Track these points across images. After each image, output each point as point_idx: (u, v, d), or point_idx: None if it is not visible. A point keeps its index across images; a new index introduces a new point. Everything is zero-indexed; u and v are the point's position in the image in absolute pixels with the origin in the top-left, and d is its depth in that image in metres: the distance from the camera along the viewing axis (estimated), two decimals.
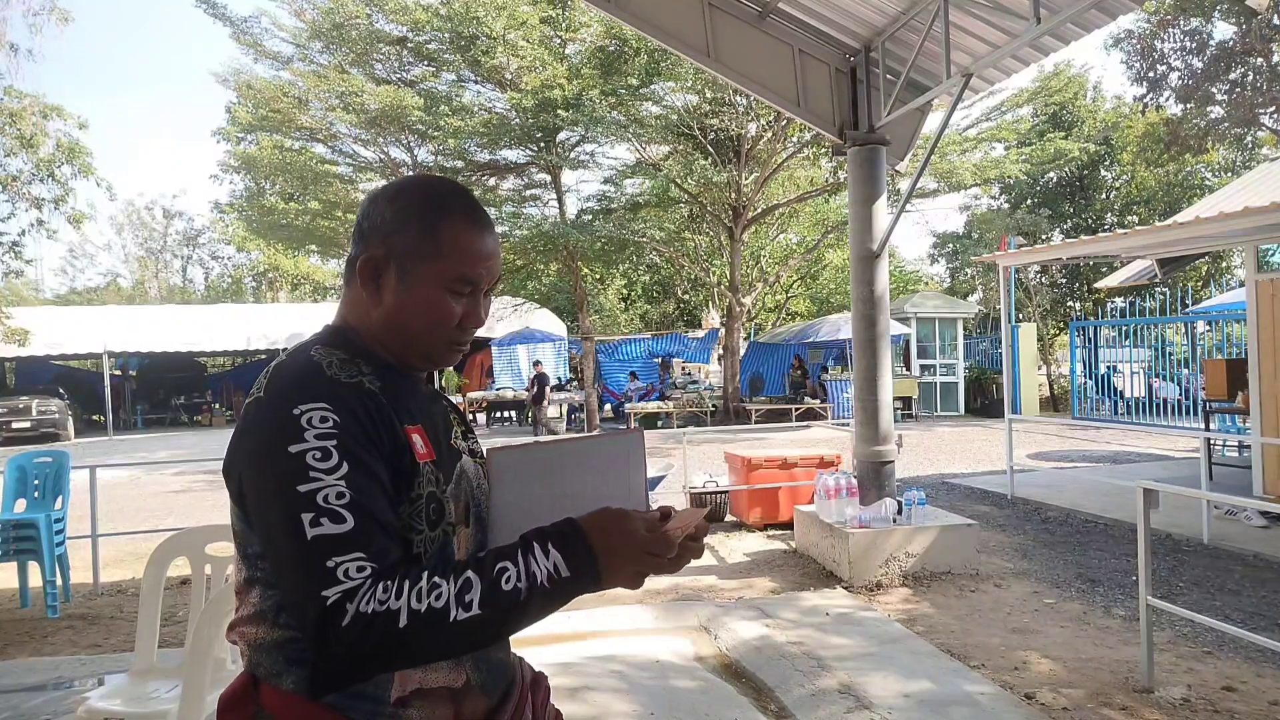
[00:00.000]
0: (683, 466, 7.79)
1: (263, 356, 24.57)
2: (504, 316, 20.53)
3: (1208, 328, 15.67)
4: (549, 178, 18.56)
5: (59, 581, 5.46)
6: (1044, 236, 22.72)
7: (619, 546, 1.04)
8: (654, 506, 1.18)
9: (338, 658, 0.96)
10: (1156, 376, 15.61)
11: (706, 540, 1.30)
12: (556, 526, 1.06)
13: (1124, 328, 16.84)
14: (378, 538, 1.01)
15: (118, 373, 24.25)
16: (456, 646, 1.02)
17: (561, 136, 17.48)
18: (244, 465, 1.08)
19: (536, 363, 19.09)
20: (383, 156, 18.67)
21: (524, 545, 1.03)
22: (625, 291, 31.41)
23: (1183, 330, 16.53)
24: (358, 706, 1.08)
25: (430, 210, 1.19)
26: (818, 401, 18.37)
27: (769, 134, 17.22)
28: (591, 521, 1.06)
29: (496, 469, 1.13)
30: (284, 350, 1.19)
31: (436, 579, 0.99)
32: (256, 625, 1.11)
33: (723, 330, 20.91)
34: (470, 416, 14.50)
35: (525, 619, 1.02)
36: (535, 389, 17.81)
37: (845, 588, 5.44)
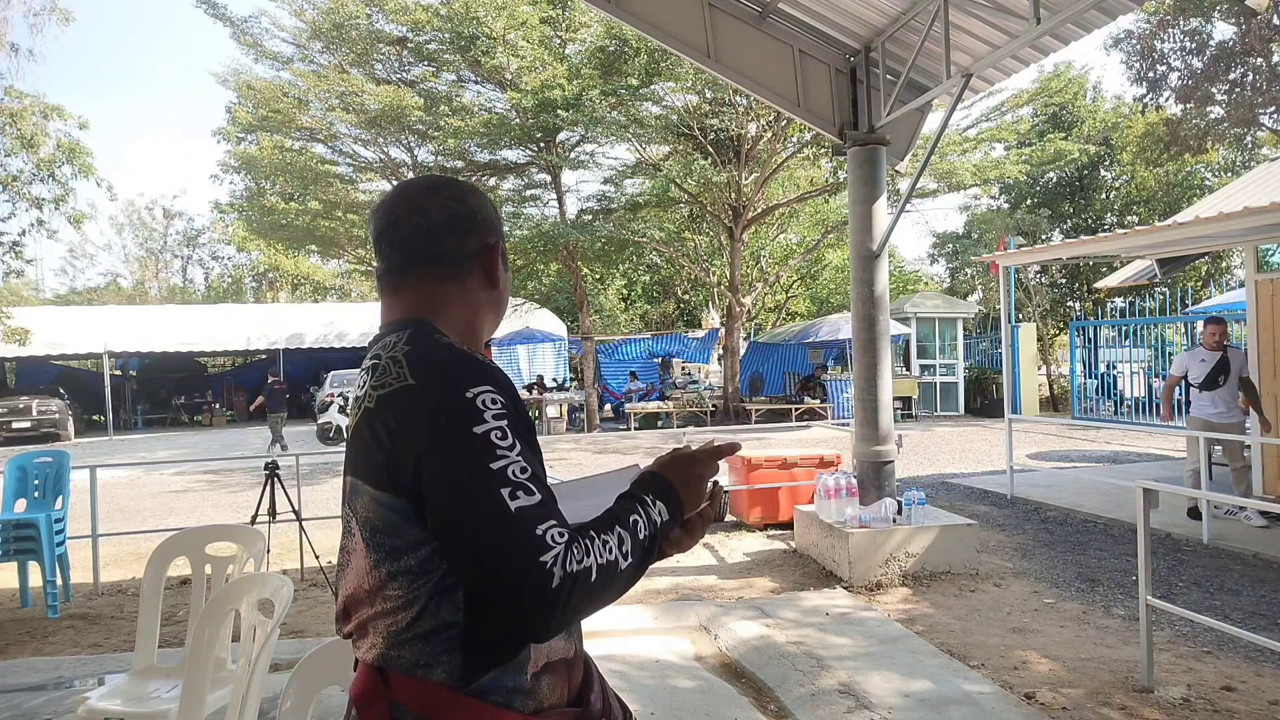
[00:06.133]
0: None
1: (263, 356, 24.58)
2: (504, 316, 20.55)
3: None
4: (549, 178, 18.58)
5: (59, 581, 5.46)
6: (1044, 236, 22.72)
7: (691, 474, 1.25)
8: None
9: (550, 617, 1.03)
10: (1156, 376, 15.60)
11: (706, 540, 1.42)
12: (647, 481, 1.23)
13: (1124, 328, 16.84)
14: (555, 506, 1.10)
15: (118, 373, 24.25)
16: (619, 592, 1.12)
17: (561, 136, 17.48)
18: (425, 452, 1.08)
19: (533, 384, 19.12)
20: (383, 156, 18.67)
21: (638, 500, 1.18)
22: (625, 291, 31.41)
23: (1183, 330, 16.52)
24: (499, 687, 1.12)
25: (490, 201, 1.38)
26: (817, 402, 18.38)
27: (769, 134, 17.22)
28: (664, 468, 1.25)
29: None
30: (398, 343, 1.17)
31: (604, 536, 1.10)
32: (399, 617, 1.12)
33: (723, 330, 20.91)
34: None
35: (650, 562, 1.17)
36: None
37: (845, 588, 5.44)
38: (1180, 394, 7.72)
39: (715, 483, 1.31)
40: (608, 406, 20.20)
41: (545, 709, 1.16)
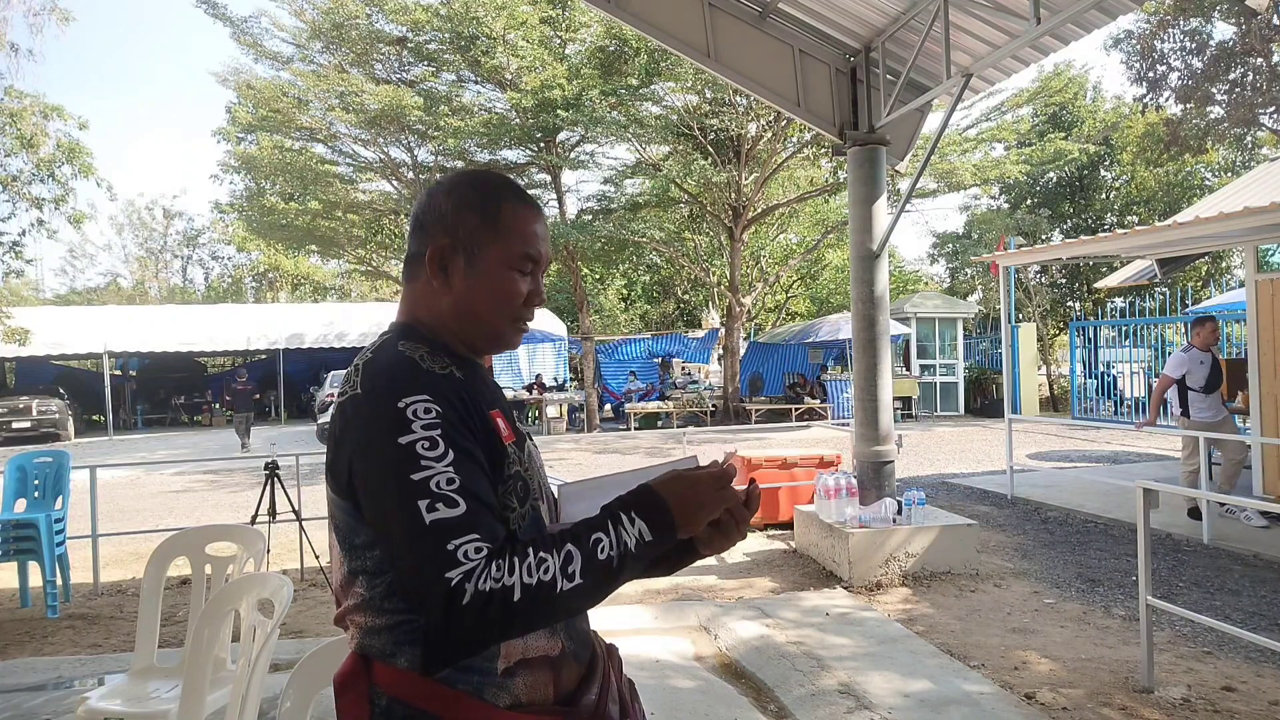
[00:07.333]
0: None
1: (263, 356, 24.58)
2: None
3: None
4: (549, 178, 18.57)
5: (59, 581, 5.46)
6: (1044, 236, 22.71)
7: (690, 497, 1.15)
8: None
9: (459, 634, 1.02)
10: (1156, 376, 15.60)
11: None
12: (634, 496, 1.15)
13: (1124, 328, 16.84)
14: (487, 519, 1.07)
15: (118, 373, 24.24)
16: (560, 614, 1.09)
17: (561, 136, 17.47)
18: (355, 459, 1.12)
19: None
20: (383, 156, 18.67)
21: (611, 516, 1.11)
22: (625, 291, 31.41)
23: (1183, 330, 16.52)
24: (467, 679, 1.13)
25: (486, 197, 1.28)
26: (817, 402, 18.38)
27: (769, 134, 17.22)
28: (661, 484, 1.16)
29: (563, 498, 1.29)
30: (369, 349, 1.23)
31: (543, 553, 1.05)
32: (364, 613, 1.16)
33: (723, 330, 20.91)
34: None
35: (618, 583, 1.11)
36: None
37: (845, 588, 5.44)
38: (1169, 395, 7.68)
39: (752, 480, 1.30)
40: (608, 406, 20.20)
41: (524, 705, 1.16)
